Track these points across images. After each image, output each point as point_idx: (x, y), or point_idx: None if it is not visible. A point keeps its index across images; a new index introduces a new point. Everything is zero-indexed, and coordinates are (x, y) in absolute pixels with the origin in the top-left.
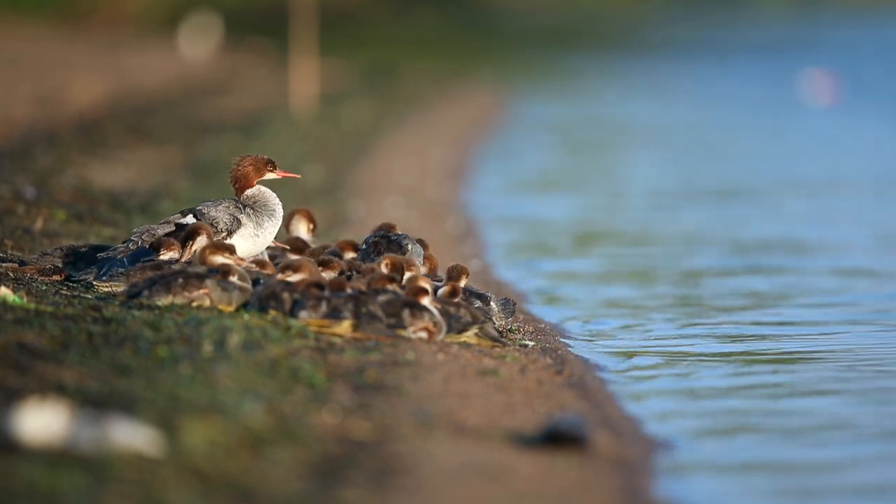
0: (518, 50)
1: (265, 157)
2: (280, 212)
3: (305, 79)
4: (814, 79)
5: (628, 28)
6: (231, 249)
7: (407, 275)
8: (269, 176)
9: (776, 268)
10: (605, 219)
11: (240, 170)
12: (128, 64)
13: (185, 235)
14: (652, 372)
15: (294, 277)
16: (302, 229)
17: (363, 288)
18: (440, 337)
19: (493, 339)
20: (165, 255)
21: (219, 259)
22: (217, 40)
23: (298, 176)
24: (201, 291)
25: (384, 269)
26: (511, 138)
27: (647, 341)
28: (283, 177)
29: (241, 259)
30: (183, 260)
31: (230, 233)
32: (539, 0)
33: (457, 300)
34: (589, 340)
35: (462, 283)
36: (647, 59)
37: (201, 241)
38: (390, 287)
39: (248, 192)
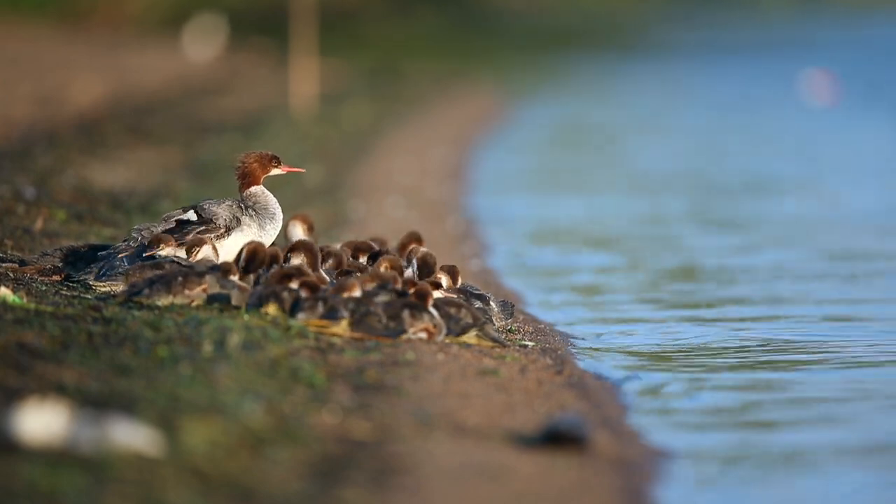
0: (518, 50)
1: (269, 152)
2: (280, 215)
3: (305, 79)
4: (813, 79)
5: (628, 29)
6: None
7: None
8: (275, 171)
9: (774, 265)
10: (604, 218)
11: (246, 166)
12: (128, 64)
13: (188, 248)
14: (652, 371)
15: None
16: (300, 234)
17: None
18: (440, 337)
19: (493, 339)
20: (163, 252)
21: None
22: (222, 41)
23: (303, 170)
24: (200, 289)
25: (384, 270)
26: (511, 138)
27: (647, 340)
28: (289, 171)
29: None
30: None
31: (228, 230)
32: (539, 0)
33: (457, 300)
34: (589, 340)
35: (457, 283)
36: (647, 59)
37: (206, 251)
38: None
39: (251, 190)
